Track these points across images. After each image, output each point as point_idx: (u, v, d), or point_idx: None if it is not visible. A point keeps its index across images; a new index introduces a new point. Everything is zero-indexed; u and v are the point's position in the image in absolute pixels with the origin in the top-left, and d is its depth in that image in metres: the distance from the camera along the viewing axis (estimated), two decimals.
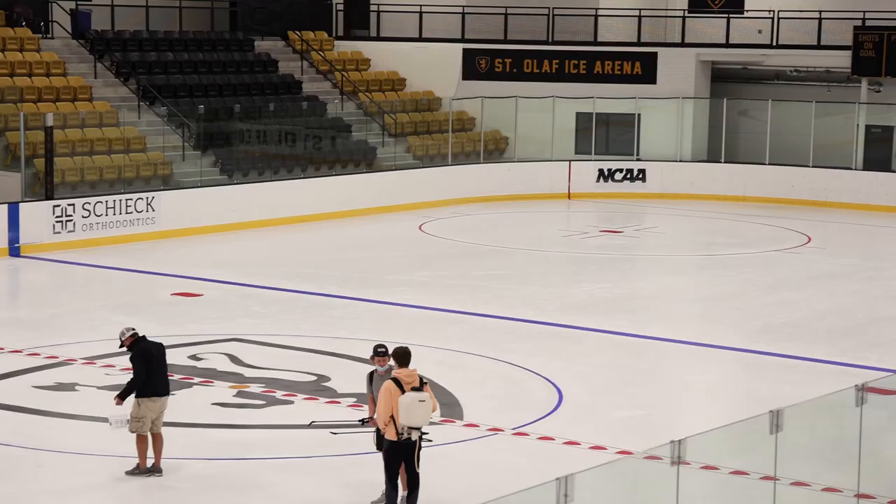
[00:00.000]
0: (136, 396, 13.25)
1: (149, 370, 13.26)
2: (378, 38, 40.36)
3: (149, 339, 13.62)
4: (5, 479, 13.36)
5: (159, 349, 13.53)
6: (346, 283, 24.00)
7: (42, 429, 15.07)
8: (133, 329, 13.46)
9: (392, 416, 12.16)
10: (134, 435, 13.29)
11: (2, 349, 18.38)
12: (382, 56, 39.53)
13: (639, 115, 38.03)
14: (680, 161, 37.81)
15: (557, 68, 38.89)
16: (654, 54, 38.66)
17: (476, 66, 39.19)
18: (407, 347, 12.58)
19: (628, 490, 10.25)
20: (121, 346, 13.50)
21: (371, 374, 12.93)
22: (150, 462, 13.39)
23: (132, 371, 13.38)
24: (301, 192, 31.89)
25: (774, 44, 38.40)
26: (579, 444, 14.84)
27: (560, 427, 15.49)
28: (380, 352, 12.85)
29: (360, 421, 13.35)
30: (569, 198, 36.81)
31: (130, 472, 13.27)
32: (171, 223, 28.58)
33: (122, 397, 13.32)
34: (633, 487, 10.31)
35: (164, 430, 14.06)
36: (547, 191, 36.59)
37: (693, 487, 10.33)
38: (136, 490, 13.12)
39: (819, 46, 38.00)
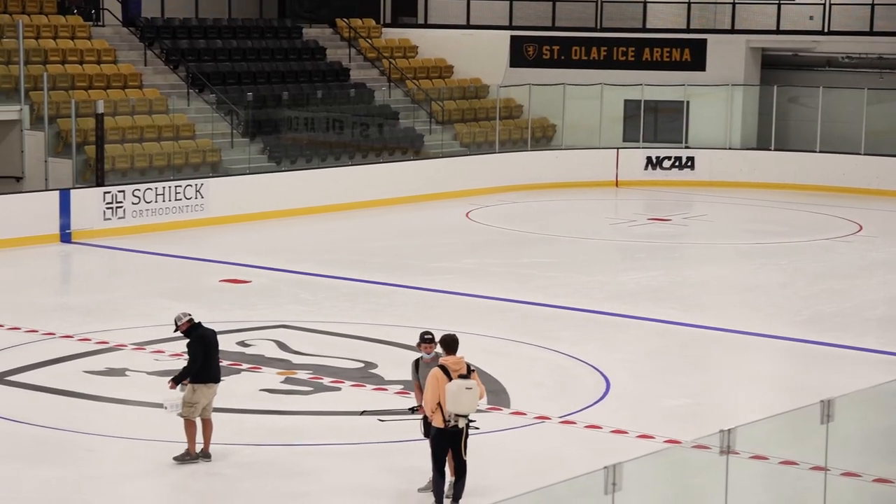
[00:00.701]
0: (191, 382, 13.31)
1: (205, 356, 13.32)
2: (426, 26, 40.33)
3: (203, 325, 13.66)
4: (56, 463, 13.49)
5: (214, 336, 13.59)
6: (392, 270, 24.03)
7: (92, 414, 15.20)
8: (189, 315, 13.51)
9: (439, 404, 12.16)
10: (182, 420, 13.36)
11: (53, 334, 18.56)
12: (430, 43, 39.49)
13: (687, 102, 37.78)
14: (729, 149, 37.53)
15: (606, 55, 38.70)
16: (704, 41, 38.37)
17: (524, 53, 39.07)
18: (454, 335, 12.56)
19: (677, 479, 10.20)
20: (175, 331, 13.56)
21: (417, 362, 12.92)
22: (198, 447, 13.46)
23: (188, 356, 13.43)
24: (348, 179, 31.95)
25: (826, 30, 38.01)
26: (627, 432, 14.79)
27: (607, 415, 15.44)
28: (426, 339, 12.84)
29: (409, 409, 13.35)
30: (616, 185, 36.65)
31: (179, 458, 13.35)
32: (220, 210, 28.72)
33: (175, 381, 13.39)
34: (682, 476, 10.25)
35: (213, 416, 14.14)
36: (594, 178, 36.44)
37: (742, 477, 10.27)
38: (186, 476, 13.21)
39: (871, 32, 37.57)
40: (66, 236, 26.13)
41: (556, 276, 23.87)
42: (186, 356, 13.51)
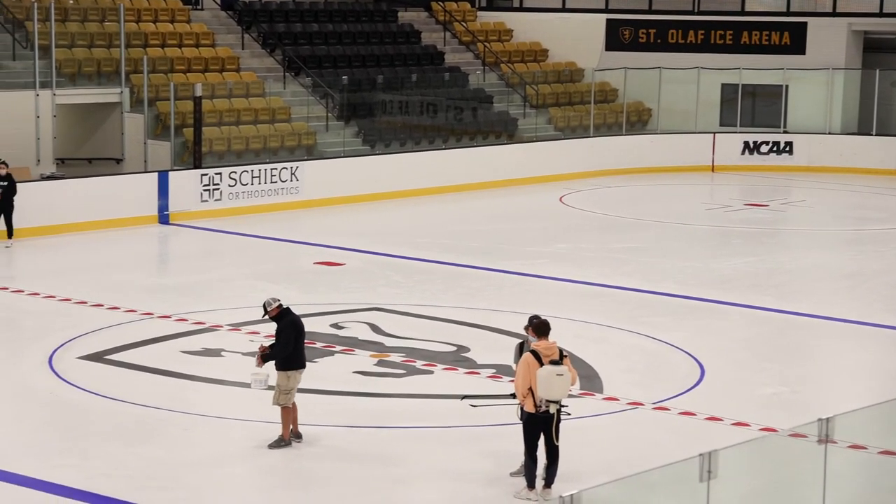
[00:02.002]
0: (282, 369, 13.36)
1: (296, 342, 13.40)
2: (521, 9, 40.19)
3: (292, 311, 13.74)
4: (153, 442, 13.70)
5: (302, 323, 13.65)
6: (486, 254, 24.01)
7: (189, 393, 15.41)
8: (279, 300, 13.61)
9: (530, 389, 12.13)
10: (272, 406, 13.46)
11: (151, 315, 18.84)
12: (525, 27, 39.34)
13: (786, 86, 37.20)
14: (829, 133, 36.89)
15: (703, 39, 38.23)
16: (804, 24, 37.72)
17: (620, 37, 38.75)
18: (546, 319, 12.50)
19: (773, 468, 10.06)
20: (264, 316, 13.66)
21: (521, 345, 12.82)
22: (271, 437, 13.51)
23: (278, 340, 13.52)
24: (442, 163, 31.98)
25: None
26: (721, 420, 14.63)
27: (701, 402, 15.28)
28: (534, 322, 12.74)
29: (511, 394, 13.30)
30: (712, 170, 36.23)
31: (275, 445, 13.42)
32: (314, 193, 28.93)
33: (263, 360, 13.49)
34: (778, 465, 10.11)
35: (306, 398, 14.27)
36: (690, 163, 36.07)
37: (839, 466, 10.10)
38: (279, 457, 13.32)
39: None
40: (164, 218, 26.50)
41: (650, 262, 23.67)
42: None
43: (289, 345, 13.37)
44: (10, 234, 23.38)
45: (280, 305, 13.53)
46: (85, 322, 18.29)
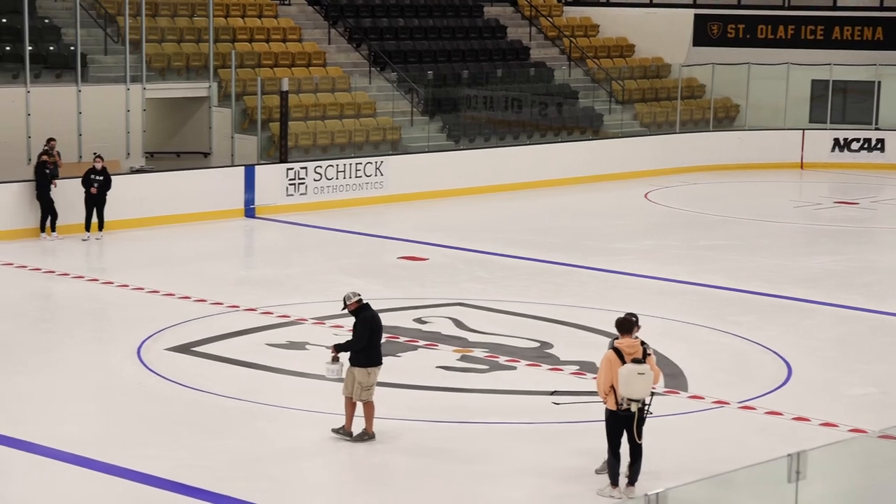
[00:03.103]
0: (362, 365, 13.37)
1: (370, 338, 13.41)
2: (607, 4, 39.94)
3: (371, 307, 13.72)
4: (238, 433, 13.81)
5: (380, 320, 13.66)
6: (570, 250, 23.90)
7: (274, 385, 15.51)
8: (359, 295, 13.63)
9: (612, 386, 12.04)
10: (348, 402, 13.47)
11: (237, 307, 19.01)
12: (611, 22, 39.10)
13: (878, 82, 36.56)
14: None
15: (793, 34, 37.71)
16: None
17: (708, 32, 38.36)
18: (629, 317, 12.38)
19: (862, 469, 9.88)
20: (343, 309, 13.69)
21: (614, 341, 12.69)
22: (329, 426, 13.53)
23: (353, 334, 13.54)
24: (526, 158, 31.89)
25: None
26: (809, 420, 14.41)
27: (789, 402, 15.06)
28: (617, 320, 12.60)
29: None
30: (801, 168, 35.72)
31: (359, 438, 13.48)
32: (399, 187, 29.00)
33: (338, 350, 13.52)
34: (868, 467, 9.93)
35: (389, 392, 14.30)
36: (779, 160, 35.60)
37: None
38: (361, 450, 13.37)
39: None
40: (250, 211, 26.73)
41: (737, 259, 23.40)
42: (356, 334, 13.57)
43: (362, 339, 13.37)
44: (101, 226, 23.72)
45: (359, 300, 13.54)
46: (172, 314, 18.50)
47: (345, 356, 13.50)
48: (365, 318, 13.46)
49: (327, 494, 12.62)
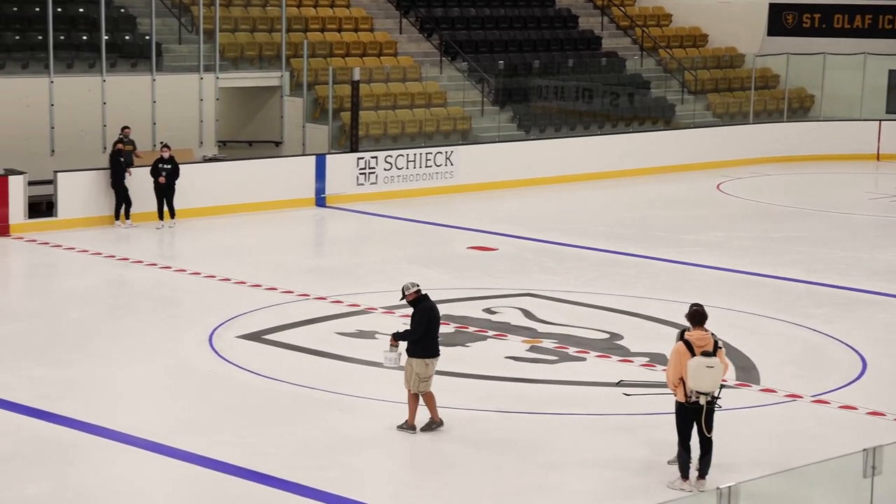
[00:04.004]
0: (420, 356, 13.36)
1: (427, 329, 13.38)
2: None
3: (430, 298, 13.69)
4: (308, 421, 13.89)
5: (438, 311, 13.61)
6: (640, 241, 23.76)
7: (343, 374, 15.58)
8: (418, 285, 13.60)
9: (682, 379, 11.96)
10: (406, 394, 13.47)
11: (307, 296, 19.11)
12: (684, 11, 38.77)
13: None
14: None
15: (870, 23, 37.13)
16: None
17: (782, 22, 37.89)
18: (701, 309, 12.28)
19: None
20: (401, 299, 13.68)
21: (683, 332, 12.59)
22: (397, 421, 13.52)
23: (411, 325, 13.54)
24: (597, 149, 31.73)
25: None
26: (884, 414, 14.21)
27: (864, 396, 14.86)
28: (689, 311, 12.49)
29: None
30: (877, 159, 35.20)
31: (426, 428, 13.52)
32: (469, 177, 28.98)
33: (397, 339, 13.52)
34: None
35: (458, 381, 14.30)
36: (854, 151, 35.10)
37: None
38: (431, 440, 13.38)
39: None
40: (320, 200, 26.85)
41: (811, 252, 23.12)
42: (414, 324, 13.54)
43: (419, 329, 13.35)
44: (172, 215, 23.94)
45: (418, 291, 13.52)
46: (244, 302, 18.65)
47: (403, 345, 13.51)
48: (423, 308, 13.44)
49: (395, 483, 12.66)
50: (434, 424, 13.53)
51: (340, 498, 11.85)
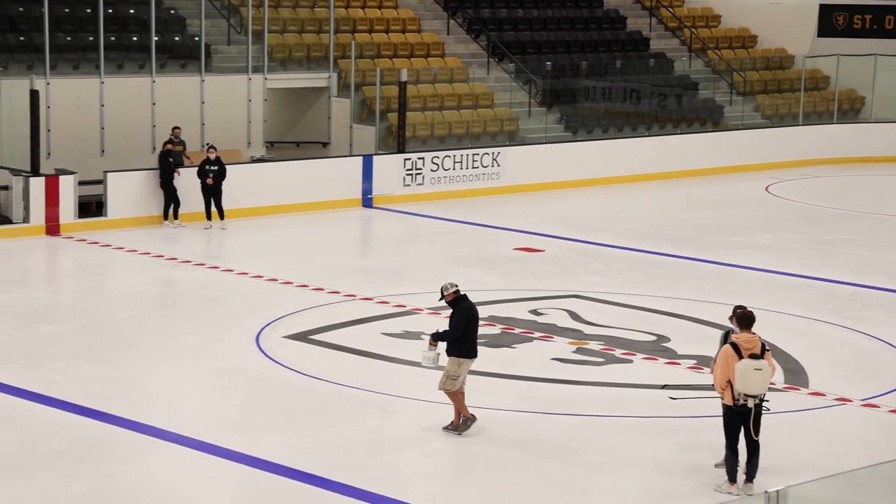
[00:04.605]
0: (454, 355, 13.36)
1: (466, 330, 13.35)
2: None
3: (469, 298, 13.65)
4: (354, 422, 13.92)
5: (477, 311, 13.56)
6: (687, 243, 23.64)
7: (389, 375, 15.60)
8: (457, 286, 13.55)
9: (729, 381, 11.88)
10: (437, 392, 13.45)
11: (354, 296, 19.15)
12: (734, 12, 38.53)
13: None
14: None
15: None
16: None
17: (833, 23, 37.57)
18: (750, 311, 12.20)
19: None
20: (440, 300, 13.67)
21: (727, 335, 12.54)
22: (443, 422, 13.45)
23: (449, 324, 13.51)
24: (645, 150, 31.60)
25: None
26: None
27: None
28: (738, 314, 12.44)
29: (710, 385, 13.03)
30: None
31: (452, 428, 13.45)
32: (516, 178, 28.95)
33: (435, 339, 13.51)
34: None
35: (504, 382, 14.29)
36: None
37: None
38: (475, 440, 13.36)
39: None
40: (367, 201, 26.91)
41: (861, 254, 22.90)
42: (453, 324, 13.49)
43: (457, 330, 13.32)
44: (221, 216, 24.04)
45: (457, 291, 13.48)
46: (290, 302, 18.72)
47: (442, 345, 13.49)
48: (461, 308, 13.40)
49: (440, 484, 12.66)
50: (452, 426, 13.44)
51: (384, 498, 11.86)
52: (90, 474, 12.27)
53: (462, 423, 13.46)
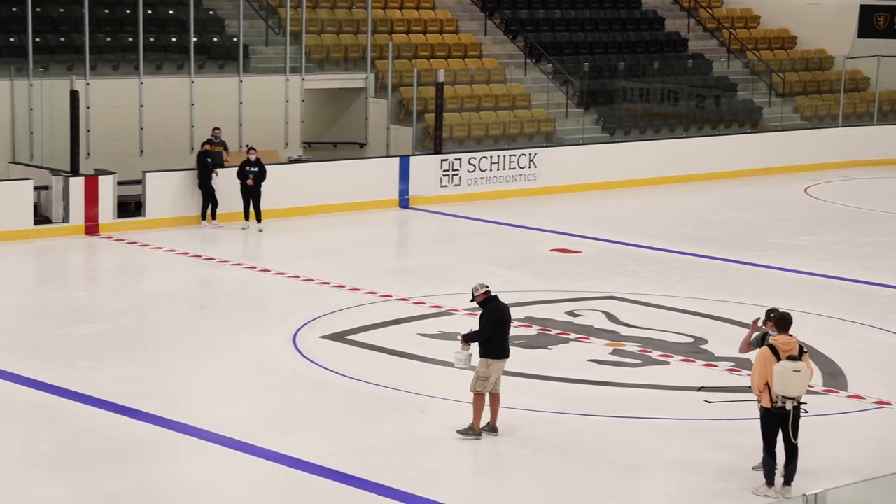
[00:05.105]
0: (483, 356, 13.33)
1: (494, 330, 13.30)
2: None
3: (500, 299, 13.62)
4: (390, 422, 13.93)
5: (508, 312, 13.52)
6: (725, 244, 23.52)
7: (426, 375, 15.61)
8: (487, 287, 13.51)
9: (767, 384, 11.81)
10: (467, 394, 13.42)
11: (390, 297, 19.17)
12: (773, 13, 38.31)
13: None
14: None
15: None
16: None
17: (873, 23, 37.28)
18: (786, 313, 12.14)
19: None
20: (471, 301, 13.64)
21: (762, 338, 12.48)
22: (493, 424, 13.44)
23: (479, 325, 13.48)
24: (682, 151, 31.47)
25: None
26: None
27: None
28: (772, 317, 12.41)
29: (749, 387, 12.96)
30: None
31: (463, 432, 13.34)
32: (552, 179, 28.90)
33: (465, 340, 13.48)
34: None
35: (541, 384, 14.28)
36: None
37: None
38: (510, 441, 13.34)
39: None
40: (404, 202, 26.93)
41: None
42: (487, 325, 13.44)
43: (485, 331, 13.29)
44: (259, 219, 24.10)
45: (487, 292, 13.44)
46: (327, 302, 18.76)
47: (475, 346, 13.46)
48: (491, 309, 13.37)
49: (476, 484, 12.65)
50: (470, 431, 13.36)
51: (419, 498, 11.87)
52: (128, 472, 12.34)
53: (469, 428, 13.33)
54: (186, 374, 15.54)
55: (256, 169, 24.01)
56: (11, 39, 25.80)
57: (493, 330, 13.28)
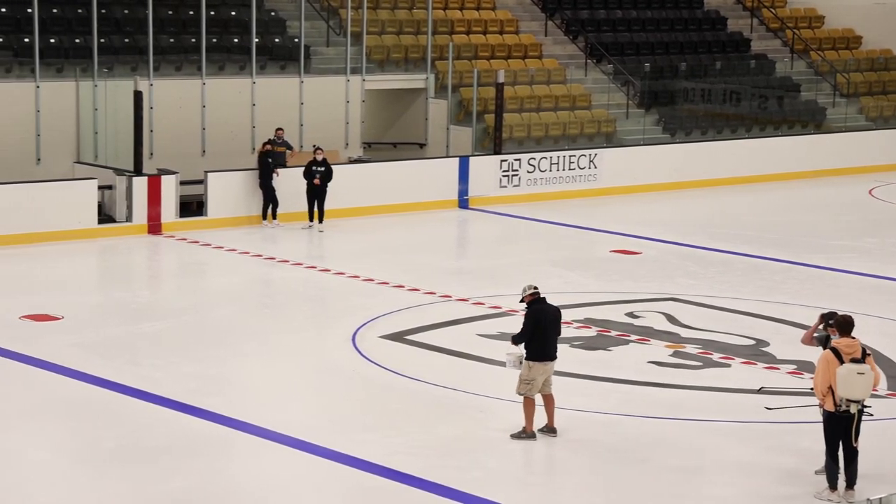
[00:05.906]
0: (526, 358, 13.27)
1: (536, 331, 13.22)
2: None
3: (548, 301, 13.48)
4: (450, 422, 13.94)
5: (556, 314, 13.43)
6: (788, 246, 23.31)
7: (484, 376, 15.60)
8: (536, 288, 13.46)
9: (830, 387, 11.69)
10: (519, 397, 13.36)
11: (449, 297, 19.19)
12: (838, 13, 37.90)
13: None
14: None
15: None
16: None
17: None
18: (849, 316, 12.04)
19: None
20: (520, 301, 13.60)
21: (826, 339, 12.34)
22: (537, 424, 13.34)
23: (521, 326, 13.44)
24: (745, 152, 31.22)
25: None
26: None
27: None
28: (833, 321, 12.24)
29: (811, 388, 12.83)
30: None
31: (516, 436, 13.31)
32: (613, 180, 28.78)
33: (514, 340, 13.45)
34: None
35: (601, 386, 14.21)
36: None
37: None
38: (569, 441, 13.30)
39: None
40: (463, 202, 26.94)
41: None
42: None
43: (525, 333, 13.23)
44: (321, 219, 24.21)
45: (535, 293, 13.39)
46: (386, 302, 18.81)
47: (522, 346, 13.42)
48: (534, 311, 13.30)
49: (533, 485, 12.63)
50: (523, 434, 13.31)
51: (479, 499, 11.86)
52: (189, 470, 12.44)
53: (522, 431, 13.31)
54: (247, 373, 15.64)
55: (323, 169, 24.11)
56: (77, 41, 26.10)
57: (533, 332, 13.23)
